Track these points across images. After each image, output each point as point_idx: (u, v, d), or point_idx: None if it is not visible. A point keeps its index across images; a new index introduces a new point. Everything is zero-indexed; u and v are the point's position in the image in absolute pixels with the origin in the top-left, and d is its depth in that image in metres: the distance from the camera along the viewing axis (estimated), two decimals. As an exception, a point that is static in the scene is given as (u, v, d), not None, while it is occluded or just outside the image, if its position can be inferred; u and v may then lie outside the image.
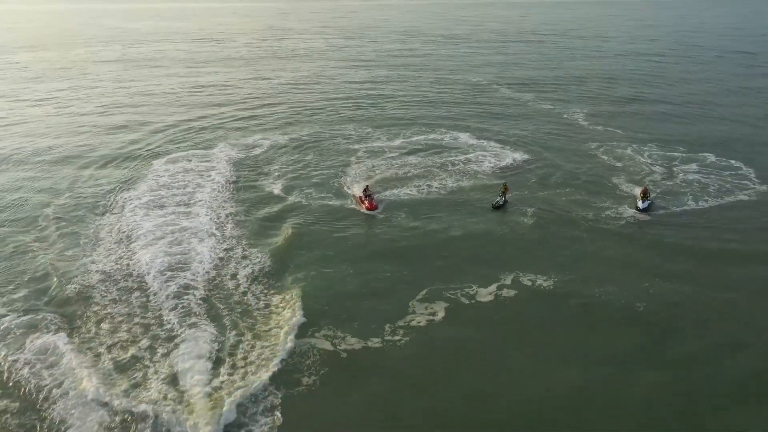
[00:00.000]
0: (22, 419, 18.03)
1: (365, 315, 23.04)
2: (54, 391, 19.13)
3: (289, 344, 20.99)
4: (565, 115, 56.44)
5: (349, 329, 22.08)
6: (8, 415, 18.22)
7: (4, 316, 23.32)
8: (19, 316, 23.23)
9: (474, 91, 68.45)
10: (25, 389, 19.24)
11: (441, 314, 23.14)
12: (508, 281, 25.45)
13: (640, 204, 32.36)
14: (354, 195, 34.36)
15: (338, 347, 21.13)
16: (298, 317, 22.57)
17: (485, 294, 24.53)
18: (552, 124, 52.83)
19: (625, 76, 78.32)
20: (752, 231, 30.62)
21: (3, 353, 21.05)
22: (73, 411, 18.18)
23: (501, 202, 33.71)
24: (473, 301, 24.02)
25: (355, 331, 22.00)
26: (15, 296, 24.80)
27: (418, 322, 22.61)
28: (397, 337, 21.73)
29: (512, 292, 24.68)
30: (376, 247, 28.81)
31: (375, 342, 21.43)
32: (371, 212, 32.22)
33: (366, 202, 32.60)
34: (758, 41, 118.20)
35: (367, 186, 34.14)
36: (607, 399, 18.63)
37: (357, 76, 79.95)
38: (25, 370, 20.15)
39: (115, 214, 33.14)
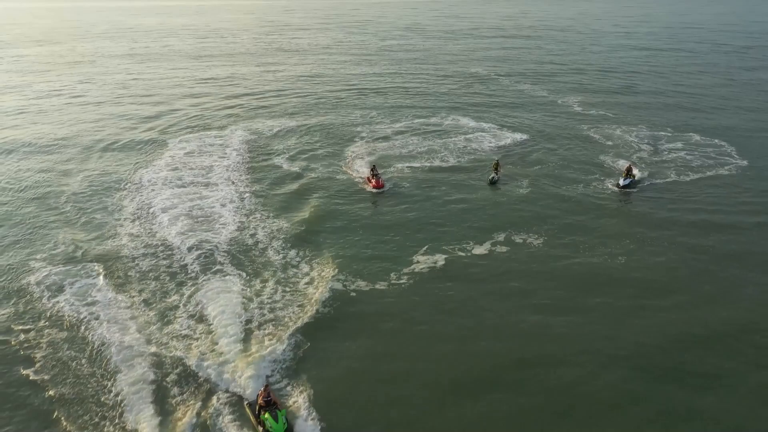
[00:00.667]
0: (65, 349, 20.67)
1: (375, 266, 25.70)
2: (92, 322, 21.86)
3: (313, 293, 23.52)
4: (560, 102, 59.00)
5: (361, 277, 24.73)
6: (55, 344, 20.90)
7: (46, 267, 25.99)
8: (59, 267, 25.90)
9: (473, 81, 70.93)
10: (67, 322, 21.93)
11: (441, 263, 25.91)
12: (501, 239, 28.17)
13: (621, 181, 34.63)
14: (363, 176, 36.39)
15: (351, 293, 23.76)
16: (319, 270, 25.20)
17: (480, 249, 27.25)
18: (547, 110, 55.40)
19: (620, 68, 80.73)
20: (729, 203, 33.00)
21: (47, 294, 23.73)
22: (110, 341, 20.84)
23: (496, 178, 36.22)
24: (469, 254, 26.75)
25: (366, 278, 24.67)
26: (54, 252, 27.50)
27: (422, 269, 25.34)
28: (402, 281, 24.46)
29: (504, 248, 27.36)
30: (383, 218, 31.31)
31: (382, 286, 24.12)
32: (379, 190, 34.35)
33: (373, 181, 34.79)
34: (751, 37, 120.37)
35: (374, 166, 36.39)
36: (576, 339, 21.15)
37: (360, 68, 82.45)
38: (66, 307, 22.85)
39: (136, 185, 35.83)
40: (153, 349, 20.43)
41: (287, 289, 23.98)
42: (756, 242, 28.32)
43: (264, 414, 17.08)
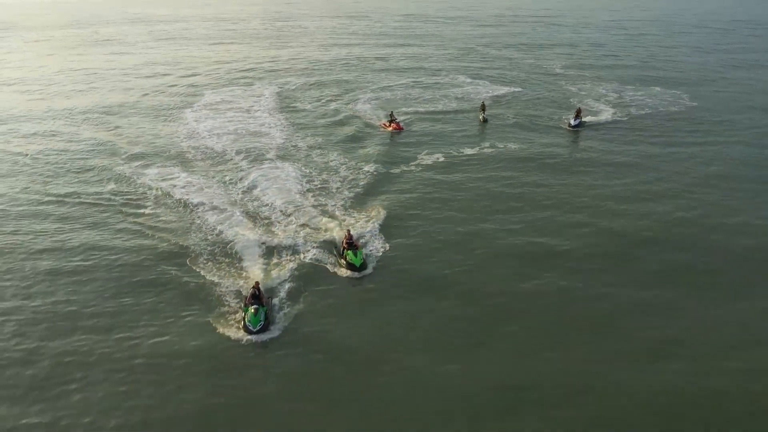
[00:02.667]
0: (163, 206, 28.51)
1: (397, 159, 33.97)
2: (174, 189, 29.77)
3: (358, 175, 31.82)
4: (545, 66, 66.83)
5: (387, 165, 33.32)
6: (157, 202, 28.78)
7: (128, 163, 33.87)
8: (139, 162, 33.83)
9: (469, 53, 78.58)
10: (148, 195, 29.68)
11: (441, 159, 33.95)
12: (486, 147, 36.16)
13: (571, 121, 41.51)
14: (376, 120, 42.86)
15: (389, 173, 32.18)
16: (359, 163, 33.61)
17: (470, 151, 35.38)
18: (533, 71, 63.23)
19: (606, 44, 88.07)
20: (675, 134, 40.51)
21: (133, 179, 31.60)
22: (198, 201, 28.70)
23: (486, 117, 43.86)
24: (461, 153, 35.06)
25: (390, 166, 33.12)
26: (134, 152, 35.41)
27: (426, 163, 33.46)
28: (409, 169, 32.44)
29: (487, 152, 35.55)
30: (394, 139, 39.07)
31: (403, 168, 32.30)
32: (398, 131, 40.31)
33: (394, 124, 40.74)
34: (733, 23, 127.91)
35: (392, 112, 43.00)
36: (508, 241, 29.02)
37: (364, 44, 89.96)
38: (150, 183, 30.73)
39: (185, 120, 43.70)
40: (239, 210, 27.74)
41: (339, 173, 32.03)
42: (687, 163, 35.29)
43: (347, 251, 22.40)
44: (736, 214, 27.61)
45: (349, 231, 23.76)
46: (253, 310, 18.89)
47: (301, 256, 23.43)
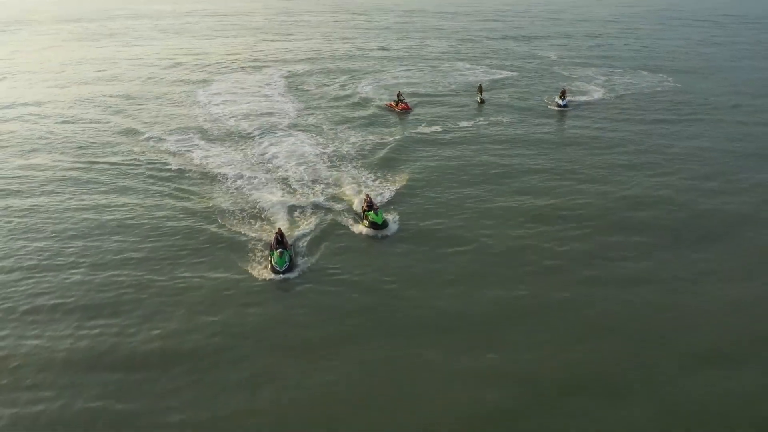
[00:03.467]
0: (191, 165, 31.49)
1: (410, 132, 36.75)
2: (193, 151, 32.77)
3: (371, 146, 34.98)
4: (540, 55, 69.74)
5: (397, 134, 36.80)
6: (185, 160, 31.74)
7: (150, 136, 36.83)
8: (160, 135, 36.84)
9: (468, 43, 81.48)
10: (173, 162, 32.63)
11: (443, 134, 37.35)
12: (480, 121, 39.18)
13: (559, 101, 44.42)
14: (388, 103, 44.61)
15: (400, 141, 35.17)
16: (371, 136, 36.75)
17: (465, 125, 38.54)
18: (528, 59, 66.21)
19: (601, 36, 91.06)
20: (658, 112, 43.43)
21: (157, 148, 34.61)
22: (218, 162, 31.65)
23: (483, 98, 46.76)
24: (458, 126, 38.36)
25: (399, 134, 36.13)
26: (154, 128, 38.36)
27: (431, 138, 36.87)
28: (416, 142, 35.54)
29: (484, 128, 38.65)
30: (404, 124, 42.01)
31: (405, 135, 35.28)
32: (406, 111, 42.40)
33: (402, 104, 42.70)
34: (726, 18, 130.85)
35: (399, 92, 45.18)
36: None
37: (366, 38, 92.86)
38: (173, 147, 33.76)
39: (199, 101, 46.71)
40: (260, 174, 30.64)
41: (351, 144, 35.05)
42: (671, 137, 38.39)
43: (368, 212, 24.25)
44: (712, 180, 30.39)
45: (368, 195, 25.65)
46: (278, 253, 21.16)
47: (322, 214, 25.71)
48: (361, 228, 24.05)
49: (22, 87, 53.60)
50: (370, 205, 24.45)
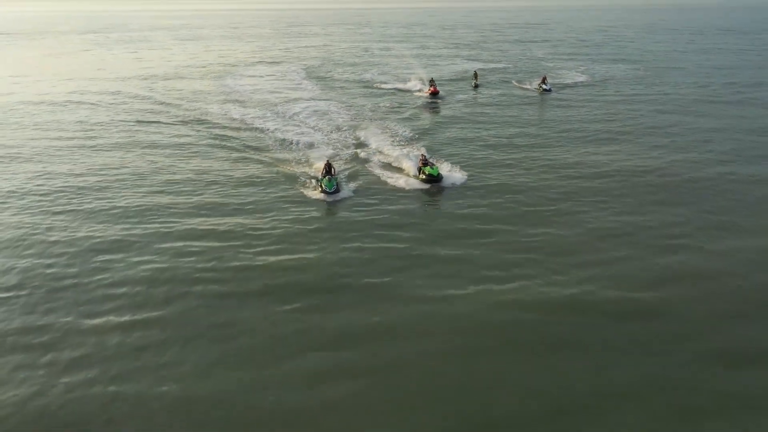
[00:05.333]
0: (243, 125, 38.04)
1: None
2: (242, 116, 39.32)
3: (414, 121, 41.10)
4: (530, 53, 76.99)
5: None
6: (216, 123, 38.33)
7: (193, 108, 43.47)
8: (203, 107, 43.42)
9: (466, 46, 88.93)
10: (220, 122, 39.25)
11: (439, 102, 43.56)
12: (476, 105, 45.77)
13: (544, 86, 50.53)
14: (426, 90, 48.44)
15: (433, 118, 41.45)
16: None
17: (465, 105, 44.99)
18: (520, 55, 73.46)
19: (587, 40, 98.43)
20: (629, 92, 49.84)
21: (206, 114, 41.11)
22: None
23: (478, 83, 53.53)
24: (460, 105, 44.56)
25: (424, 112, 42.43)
26: (196, 104, 45.00)
27: (443, 113, 43.08)
28: (427, 115, 42.12)
29: (478, 108, 44.95)
30: (415, 102, 48.86)
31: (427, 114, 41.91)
32: (435, 94, 46.25)
33: (432, 88, 46.91)
34: (709, 28, 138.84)
35: (432, 78, 49.51)
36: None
37: (370, 42, 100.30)
38: (218, 113, 40.25)
39: (226, 83, 53.56)
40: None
41: (367, 109, 41.57)
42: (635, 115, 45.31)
43: (424, 168, 26.00)
44: (676, 142, 36.48)
45: (423, 154, 27.54)
46: (327, 178, 24.25)
47: (373, 162, 28.78)
48: (417, 182, 25.82)
49: (84, 83, 60.38)
50: (425, 162, 26.46)
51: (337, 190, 24.12)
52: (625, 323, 15.42)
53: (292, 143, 32.75)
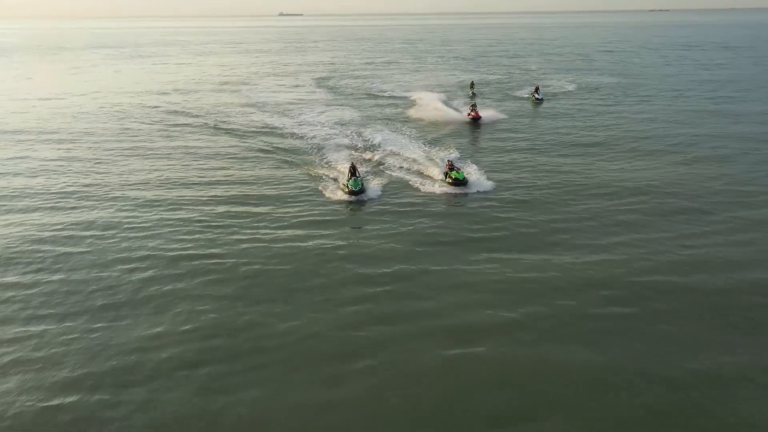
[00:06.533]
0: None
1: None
2: (272, 121, 43.82)
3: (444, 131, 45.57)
4: (520, 66, 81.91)
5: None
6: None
7: (223, 111, 47.98)
8: (228, 111, 47.97)
9: (464, 60, 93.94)
10: (244, 122, 43.76)
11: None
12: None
13: (536, 95, 55.46)
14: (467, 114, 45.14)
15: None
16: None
17: (459, 105, 49.45)
18: (513, 68, 78.30)
19: (580, 54, 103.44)
20: (614, 99, 54.45)
21: (227, 118, 45.60)
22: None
23: (474, 92, 58.19)
24: (454, 105, 49.04)
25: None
26: (229, 109, 49.52)
27: (455, 119, 47.50)
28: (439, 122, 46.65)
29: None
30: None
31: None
32: (476, 119, 42.74)
33: (473, 112, 43.62)
34: (707, 43, 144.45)
35: (474, 102, 46.93)
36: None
37: (373, 56, 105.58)
38: (242, 116, 44.76)
39: (241, 91, 58.13)
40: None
41: (378, 117, 46.00)
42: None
43: (450, 172, 26.91)
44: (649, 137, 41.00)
45: (449, 161, 28.47)
46: (352, 179, 25.68)
47: (397, 165, 30.24)
48: (444, 186, 26.74)
49: (113, 95, 64.99)
50: (452, 167, 27.51)
51: (362, 190, 25.33)
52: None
53: (316, 147, 34.80)
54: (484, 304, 16.69)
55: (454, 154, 31.57)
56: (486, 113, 43.59)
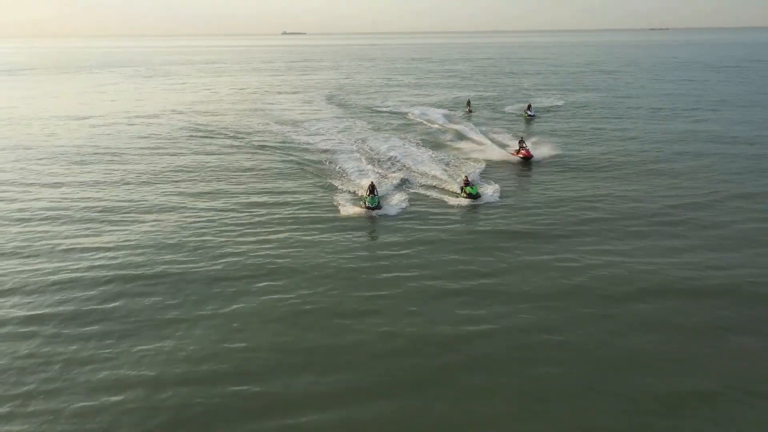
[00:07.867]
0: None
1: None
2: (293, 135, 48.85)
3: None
4: (515, 84, 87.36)
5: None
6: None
7: (244, 125, 53.04)
8: (247, 126, 53.08)
9: (462, 77, 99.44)
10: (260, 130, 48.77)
11: (436, 127, 53.10)
12: (468, 122, 55.29)
13: (529, 112, 60.55)
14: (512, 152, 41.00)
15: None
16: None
17: (455, 124, 54.48)
18: (508, 87, 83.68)
19: (574, 73, 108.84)
20: (599, 114, 59.49)
21: (247, 126, 50.65)
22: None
23: (471, 109, 63.22)
24: (449, 123, 54.05)
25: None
26: (249, 123, 54.64)
27: (431, 129, 52.52)
28: (422, 130, 51.60)
29: (468, 125, 54.47)
30: (417, 126, 58.58)
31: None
32: (527, 158, 38.50)
33: (524, 150, 39.08)
34: (694, 62, 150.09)
35: (522, 138, 41.29)
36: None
37: (377, 74, 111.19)
38: (260, 127, 49.79)
39: (256, 107, 63.38)
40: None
41: (386, 131, 51.03)
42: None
43: (465, 188, 29.34)
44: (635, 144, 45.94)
45: (466, 176, 30.69)
46: (370, 196, 27.76)
47: (416, 182, 32.47)
48: (459, 200, 29.06)
49: (141, 111, 70.22)
50: (467, 183, 29.86)
51: (378, 206, 27.35)
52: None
53: (338, 166, 36.71)
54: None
55: (471, 171, 33.74)
56: (539, 151, 39.51)
